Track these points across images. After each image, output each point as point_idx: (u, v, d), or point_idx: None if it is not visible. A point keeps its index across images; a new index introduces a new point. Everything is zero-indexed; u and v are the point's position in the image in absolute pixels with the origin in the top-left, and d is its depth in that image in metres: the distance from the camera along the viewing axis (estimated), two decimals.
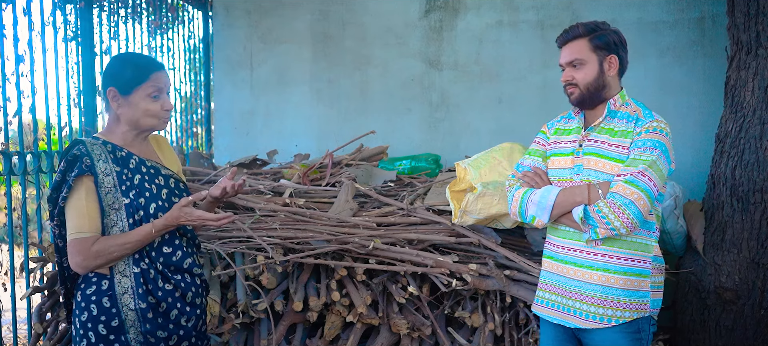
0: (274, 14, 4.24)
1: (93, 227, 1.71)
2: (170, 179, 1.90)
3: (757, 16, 2.65)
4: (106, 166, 1.74)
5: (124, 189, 1.75)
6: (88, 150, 1.73)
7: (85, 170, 1.70)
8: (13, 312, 3.06)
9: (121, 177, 1.75)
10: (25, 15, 3.12)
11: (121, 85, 1.75)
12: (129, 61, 1.83)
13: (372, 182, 3.30)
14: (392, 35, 4.11)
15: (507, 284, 2.56)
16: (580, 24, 1.97)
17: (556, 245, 2.00)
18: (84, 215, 1.70)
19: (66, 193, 1.70)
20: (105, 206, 1.73)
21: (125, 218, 1.75)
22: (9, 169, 2.94)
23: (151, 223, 1.76)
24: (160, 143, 2.00)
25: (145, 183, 1.80)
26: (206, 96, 5.07)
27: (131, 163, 1.79)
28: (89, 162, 1.71)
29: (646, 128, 1.87)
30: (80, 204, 1.70)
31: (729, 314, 2.73)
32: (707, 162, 2.98)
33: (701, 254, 2.80)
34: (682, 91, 3.65)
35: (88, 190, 1.71)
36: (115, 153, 1.78)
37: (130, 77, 1.74)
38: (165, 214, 1.79)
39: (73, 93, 3.57)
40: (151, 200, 1.79)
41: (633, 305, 1.89)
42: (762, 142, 2.63)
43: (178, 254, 1.85)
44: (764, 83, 2.65)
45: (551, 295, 2.00)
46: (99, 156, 1.74)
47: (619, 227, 1.81)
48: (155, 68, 1.78)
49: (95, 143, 1.77)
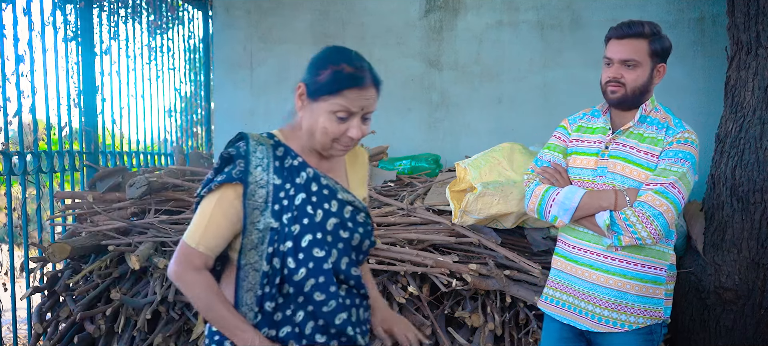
0: (274, 14, 4.24)
1: (206, 244, 1.40)
2: (347, 206, 1.49)
3: (757, 16, 2.64)
4: (263, 176, 1.41)
5: (276, 209, 1.40)
6: (247, 152, 1.42)
7: (234, 178, 1.39)
8: (13, 312, 3.06)
9: (278, 194, 1.41)
10: (25, 15, 3.13)
11: (312, 83, 1.40)
12: (333, 61, 1.41)
13: (372, 181, 3.30)
14: (392, 35, 4.11)
15: (507, 284, 2.56)
16: (646, 22, 1.87)
17: (571, 245, 1.95)
18: (204, 225, 1.40)
19: (205, 192, 1.42)
20: (248, 223, 1.40)
21: (266, 245, 1.40)
22: (9, 169, 2.94)
23: (256, 334, 1.39)
24: (357, 157, 1.64)
25: (307, 206, 1.42)
26: (206, 96, 5.07)
27: (300, 178, 1.44)
28: (243, 167, 1.40)
29: (678, 139, 1.82)
30: (208, 212, 1.40)
31: (729, 314, 2.73)
32: (707, 162, 2.98)
33: (701, 254, 2.80)
34: (682, 91, 3.65)
35: (228, 201, 1.39)
36: (284, 160, 1.45)
37: (324, 81, 1.38)
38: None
39: (73, 93, 3.57)
40: (307, 231, 1.41)
41: (647, 312, 1.87)
42: (762, 142, 2.63)
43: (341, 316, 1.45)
44: (764, 83, 2.65)
45: (562, 294, 1.97)
46: (259, 162, 1.41)
47: (645, 238, 1.77)
48: (355, 84, 1.38)
49: (262, 144, 1.44)
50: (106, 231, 2.93)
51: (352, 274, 1.47)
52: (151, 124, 4.46)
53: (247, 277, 1.41)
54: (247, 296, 1.42)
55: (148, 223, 2.92)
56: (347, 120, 1.40)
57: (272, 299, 1.41)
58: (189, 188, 3.12)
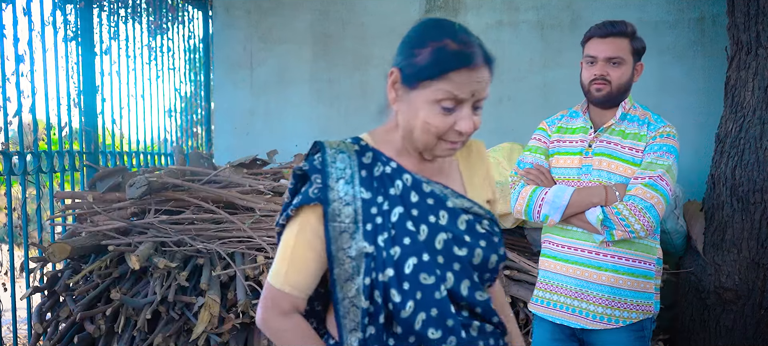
0: (274, 14, 4.24)
1: (293, 283, 1.15)
2: (461, 215, 1.19)
3: (757, 16, 2.65)
4: (348, 190, 1.14)
5: (369, 229, 1.13)
6: (324, 163, 1.16)
7: (312, 199, 1.13)
8: (13, 312, 3.06)
9: (370, 210, 1.14)
10: (25, 15, 3.13)
11: (408, 67, 1.11)
12: (434, 36, 1.11)
13: None
14: (392, 35, 4.09)
15: (507, 284, 2.56)
16: (627, 22, 1.93)
17: (560, 244, 1.97)
18: (287, 261, 1.15)
19: (283, 220, 1.18)
20: (336, 249, 1.13)
21: (362, 276, 1.11)
22: (9, 169, 2.94)
23: None
24: (470, 151, 1.33)
25: (408, 222, 1.14)
26: (206, 96, 5.07)
27: (394, 188, 1.16)
28: (320, 184, 1.14)
29: (660, 133, 1.88)
30: (290, 244, 1.16)
31: (729, 314, 2.73)
32: (707, 162, 2.98)
33: (701, 254, 2.80)
34: (682, 91, 3.65)
35: (310, 228, 1.14)
36: (373, 168, 1.17)
37: (423, 63, 1.09)
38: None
39: (73, 93, 3.57)
40: (410, 252, 1.12)
41: (639, 307, 1.89)
42: (762, 142, 2.63)
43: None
44: (764, 83, 2.65)
45: (553, 295, 1.98)
46: (341, 174, 1.15)
47: (638, 230, 1.80)
48: (463, 64, 1.08)
49: (342, 151, 1.18)
50: (106, 231, 2.93)
51: (477, 299, 1.16)
52: (151, 124, 4.46)
53: (347, 314, 1.14)
54: (351, 337, 1.14)
55: (148, 223, 2.92)
56: (455, 110, 1.10)
57: (379, 343, 1.13)
58: (189, 188, 3.12)
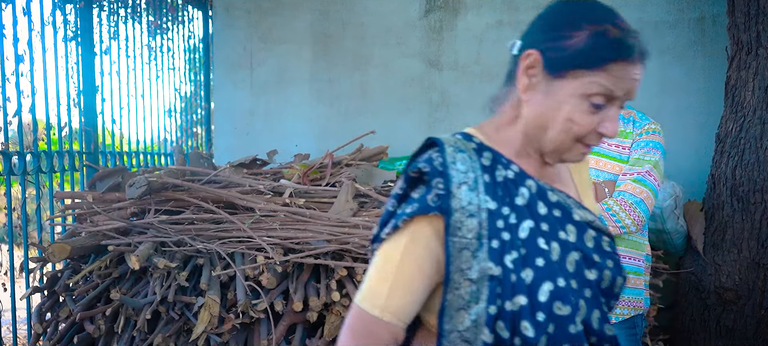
0: (274, 14, 4.24)
1: (394, 310, 0.94)
2: (588, 231, 1.03)
3: (757, 16, 2.65)
4: (472, 198, 0.94)
5: (495, 246, 0.93)
6: (445, 164, 0.96)
7: (432, 207, 0.94)
8: (13, 312, 3.06)
9: (496, 223, 0.94)
10: (25, 15, 3.12)
11: (554, 50, 0.96)
12: (592, 18, 0.95)
13: (372, 182, 3.30)
14: (392, 35, 4.11)
15: None
16: None
17: None
18: (390, 282, 0.94)
19: (388, 232, 0.97)
20: (454, 270, 0.92)
21: (484, 303, 0.91)
22: (9, 169, 2.94)
23: None
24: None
25: (539, 239, 0.96)
26: (206, 96, 5.07)
27: (520, 197, 0.98)
28: (442, 189, 0.94)
29: (646, 129, 1.92)
30: (395, 261, 0.95)
31: (729, 314, 2.73)
32: (707, 162, 2.98)
33: (701, 254, 2.80)
34: (682, 91, 3.65)
35: (423, 243, 0.95)
36: (495, 172, 0.99)
37: (579, 48, 0.93)
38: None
39: (73, 93, 3.57)
40: (544, 276, 0.93)
41: (630, 303, 1.93)
42: (762, 142, 2.63)
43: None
44: (764, 83, 2.65)
45: None
46: (463, 177, 0.95)
47: (629, 225, 1.82)
48: (625, 55, 0.93)
49: (461, 150, 0.99)
50: (106, 231, 2.93)
51: (606, 334, 0.98)
52: (151, 124, 4.46)
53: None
54: None
55: (148, 223, 2.92)
56: (603, 109, 0.95)
57: None
58: (189, 188, 3.12)
